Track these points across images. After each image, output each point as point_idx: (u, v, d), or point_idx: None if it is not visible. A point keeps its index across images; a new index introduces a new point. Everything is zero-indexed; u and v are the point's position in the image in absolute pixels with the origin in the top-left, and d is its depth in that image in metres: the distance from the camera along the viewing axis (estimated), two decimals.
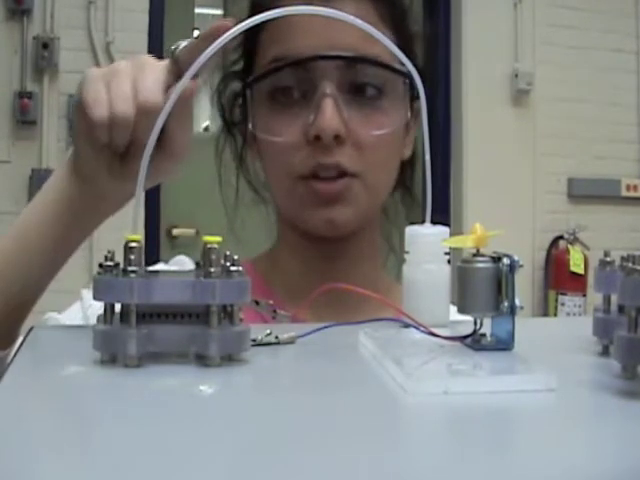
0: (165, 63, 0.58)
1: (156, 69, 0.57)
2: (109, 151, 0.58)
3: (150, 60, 0.58)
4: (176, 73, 0.57)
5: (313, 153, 0.70)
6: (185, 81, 0.50)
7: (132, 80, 0.56)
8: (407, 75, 0.72)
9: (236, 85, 0.79)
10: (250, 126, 0.75)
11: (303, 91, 0.72)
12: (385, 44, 0.56)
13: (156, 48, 2.77)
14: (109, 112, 0.55)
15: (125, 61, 0.58)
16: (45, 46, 2.60)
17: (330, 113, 0.69)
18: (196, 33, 0.55)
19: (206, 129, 3.04)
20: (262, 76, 0.73)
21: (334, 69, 0.71)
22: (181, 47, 0.57)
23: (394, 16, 0.75)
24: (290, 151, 0.71)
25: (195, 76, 0.54)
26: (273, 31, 0.73)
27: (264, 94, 0.73)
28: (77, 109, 0.58)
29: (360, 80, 0.72)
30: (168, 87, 0.56)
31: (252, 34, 0.74)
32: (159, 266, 0.75)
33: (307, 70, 0.71)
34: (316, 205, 0.72)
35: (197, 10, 2.97)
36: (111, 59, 2.70)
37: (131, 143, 0.57)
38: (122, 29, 2.71)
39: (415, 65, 0.58)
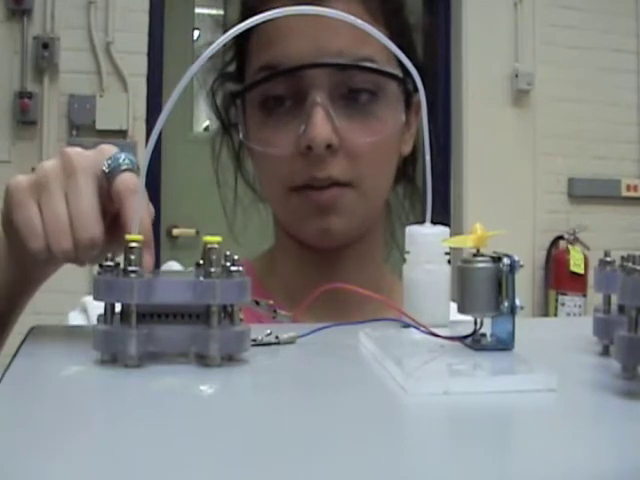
0: (95, 163, 0.52)
1: (87, 177, 0.51)
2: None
3: (78, 163, 0.52)
4: (106, 187, 0.52)
5: (306, 166, 0.69)
6: (182, 85, 0.49)
7: (64, 197, 0.51)
8: (401, 77, 0.71)
9: (231, 86, 0.78)
10: (241, 136, 0.74)
11: (293, 100, 0.70)
12: (384, 43, 0.55)
13: (156, 48, 2.78)
14: (46, 245, 0.50)
15: (52, 165, 0.52)
16: (45, 46, 2.60)
17: (321, 122, 0.67)
18: (196, 33, 0.54)
19: (206, 129, 3.04)
20: (250, 86, 0.72)
21: (324, 76, 0.69)
22: (120, 167, 0.52)
23: (385, 12, 0.73)
24: (283, 163, 0.70)
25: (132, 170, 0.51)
26: (261, 36, 0.71)
27: (255, 103, 0.72)
28: (9, 227, 0.53)
29: (351, 86, 0.70)
30: (100, 194, 0.52)
31: (242, 37, 0.73)
32: None
33: (296, 78, 0.69)
34: (310, 215, 0.70)
35: (197, 10, 2.97)
36: (111, 59, 2.70)
37: None
38: (122, 29, 2.72)
39: (413, 60, 0.57)
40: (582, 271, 2.97)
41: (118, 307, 0.45)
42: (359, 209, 0.71)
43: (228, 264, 0.44)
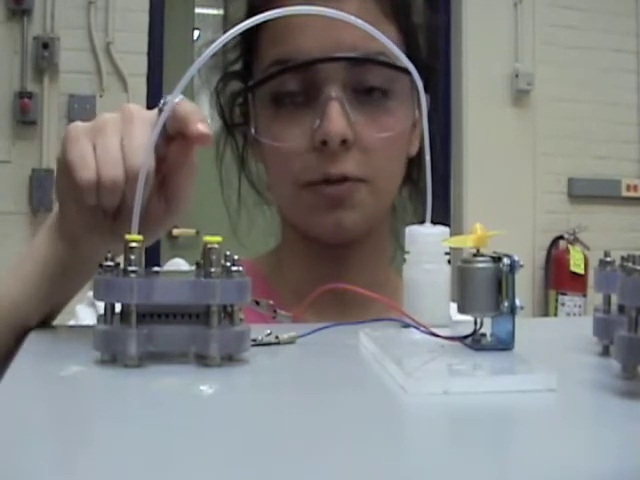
0: (153, 115, 0.53)
1: (144, 125, 0.52)
2: (96, 211, 0.53)
3: (137, 113, 0.53)
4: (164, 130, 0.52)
5: (319, 161, 0.69)
6: (177, 93, 0.49)
7: (120, 139, 0.51)
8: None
9: (235, 85, 0.78)
10: (253, 131, 0.73)
11: (307, 95, 0.70)
12: (385, 43, 0.55)
13: (156, 48, 2.78)
14: (97, 176, 0.50)
15: (111, 115, 0.53)
16: (45, 46, 2.60)
17: (336, 117, 0.67)
18: (196, 33, 0.54)
19: None
20: (263, 80, 0.71)
21: (338, 70, 0.69)
22: (168, 103, 0.51)
23: (397, 10, 0.72)
24: (296, 158, 0.70)
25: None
26: (272, 31, 0.71)
27: (266, 98, 0.72)
28: (60, 169, 0.53)
29: (366, 81, 0.70)
30: (157, 144, 0.51)
31: (250, 34, 0.72)
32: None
33: (310, 73, 0.69)
34: (322, 209, 0.70)
35: (197, 10, 2.97)
36: (111, 59, 2.70)
37: (120, 203, 0.52)
38: (122, 29, 2.72)
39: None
40: (582, 271, 2.97)
41: (118, 307, 0.45)
42: (370, 204, 0.71)
43: (228, 264, 0.44)
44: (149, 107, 0.54)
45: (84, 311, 0.75)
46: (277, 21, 0.53)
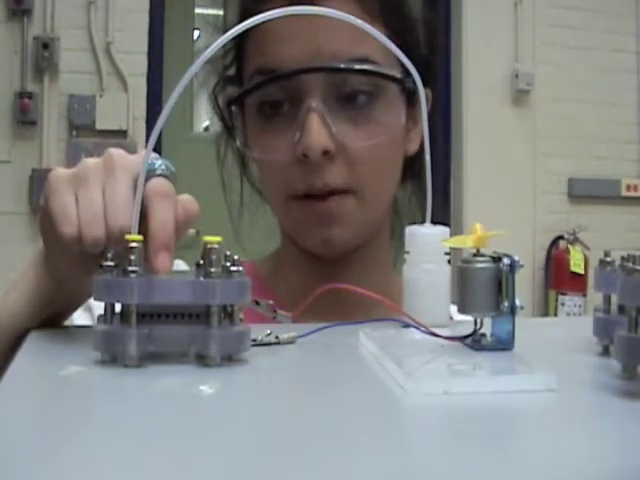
0: (136, 162, 0.51)
1: (126, 174, 0.51)
2: (80, 254, 0.51)
3: (119, 161, 0.51)
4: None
5: (304, 173, 0.68)
6: (182, 85, 0.49)
7: (102, 190, 0.50)
8: (398, 77, 0.69)
9: (231, 89, 0.77)
10: (238, 143, 0.73)
11: (289, 105, 0.69)
12: (383, 42, 0.54)
13: (156, 48, 2.78)
14: (79, 231, 0.49)
15: (93, 162, 0.52)
16: (45, 46, 2.61)
17: (316, 129, 0.66)
18: (196, 33, 0.53)
19: (206, 129, 3.04)
20: (244, 93, 0.71)
21: (318, 80, 0.67)
22: (154, 172, 0.51)
23: (383, 10, 0.70)
24: (281, 170, 0.69)
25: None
26: (256, 39, 0.70)
27: (251, 109, 0.71)
28: (43, 216, 0.52)
29: (347, 89, 0.68)
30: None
31: (239, 41, 0.72)
32: None
33: (290, 83, 0.68)
34: (311, 225, 0.69)
35: (197, 10, 2.97)
36: (111, 59, 2.71)
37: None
38: (122, 29, 2.72)
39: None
40: (582, 271, 2.97)
41: (118, 307, 0.45)
42: (360, 217, 0.70)
43: (228, 264, 0.44)
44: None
45: (80, 316, 0.75)
46: (260, 28, 0.52)
